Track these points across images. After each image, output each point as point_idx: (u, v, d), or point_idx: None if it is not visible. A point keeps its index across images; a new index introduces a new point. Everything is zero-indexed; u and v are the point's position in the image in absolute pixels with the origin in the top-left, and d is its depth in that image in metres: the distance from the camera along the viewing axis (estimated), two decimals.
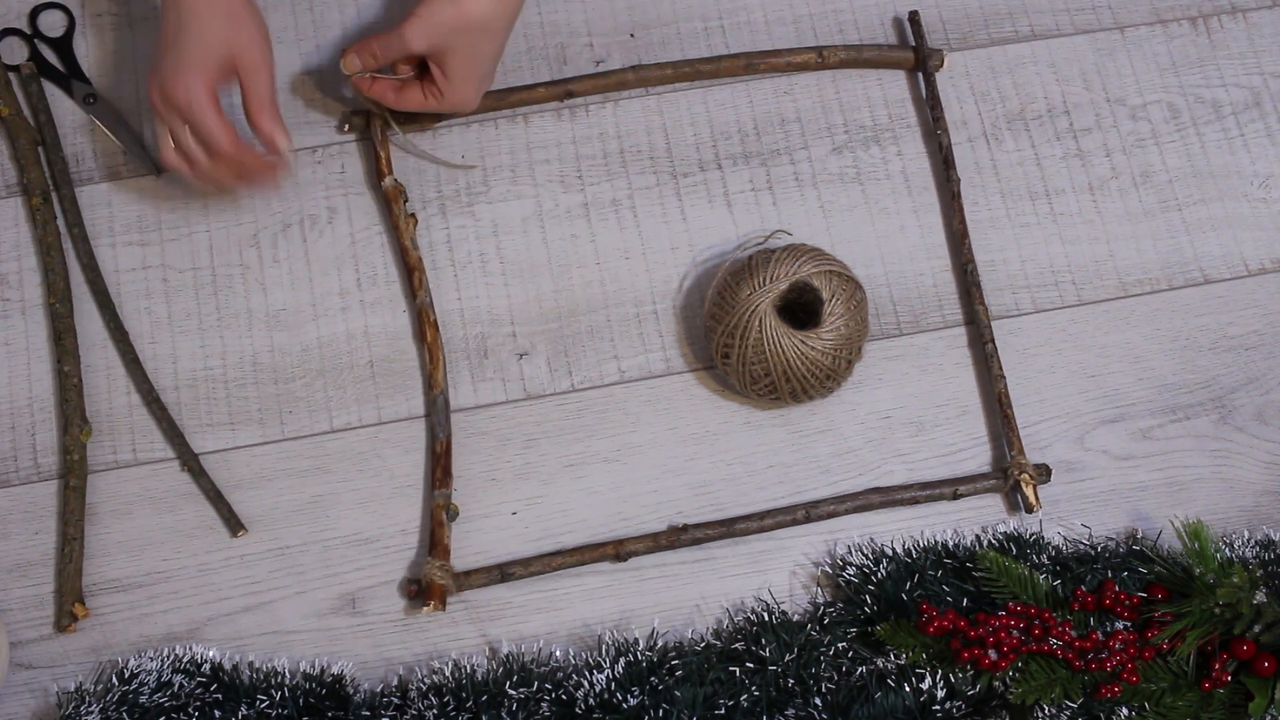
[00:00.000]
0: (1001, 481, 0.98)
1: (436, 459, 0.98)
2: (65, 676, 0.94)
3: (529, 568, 0.95)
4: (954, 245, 1.05)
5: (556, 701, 0.91)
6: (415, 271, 1.02)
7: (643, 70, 1.07)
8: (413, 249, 1.02)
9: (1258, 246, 1.07)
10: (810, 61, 1.08)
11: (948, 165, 1.06)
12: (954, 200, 1.05)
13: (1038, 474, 0.98)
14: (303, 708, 0.91)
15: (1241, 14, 1.13)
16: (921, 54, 1.09)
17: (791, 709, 0.91)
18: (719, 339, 0.97)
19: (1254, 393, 1.03)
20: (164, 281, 1.03)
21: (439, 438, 0.98)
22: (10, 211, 1.04)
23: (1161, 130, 1.09)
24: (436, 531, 0.96)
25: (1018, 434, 0.99)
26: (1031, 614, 0.90)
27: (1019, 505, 0.98)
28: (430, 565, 0.94)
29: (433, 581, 0.94)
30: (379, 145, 1.04)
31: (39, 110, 1.05)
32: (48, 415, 0.99)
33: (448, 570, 0.94)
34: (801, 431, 1.01)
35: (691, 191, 1.06)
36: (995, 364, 1.01)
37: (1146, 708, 0.90)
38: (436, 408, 0.99)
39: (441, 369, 1.00)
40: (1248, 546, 0.97)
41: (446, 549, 0.95)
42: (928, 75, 1.08)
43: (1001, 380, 1.00)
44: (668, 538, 0.96)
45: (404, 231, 1.02)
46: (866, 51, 1.09)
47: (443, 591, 0.94)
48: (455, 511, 0.97)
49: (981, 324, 1.02)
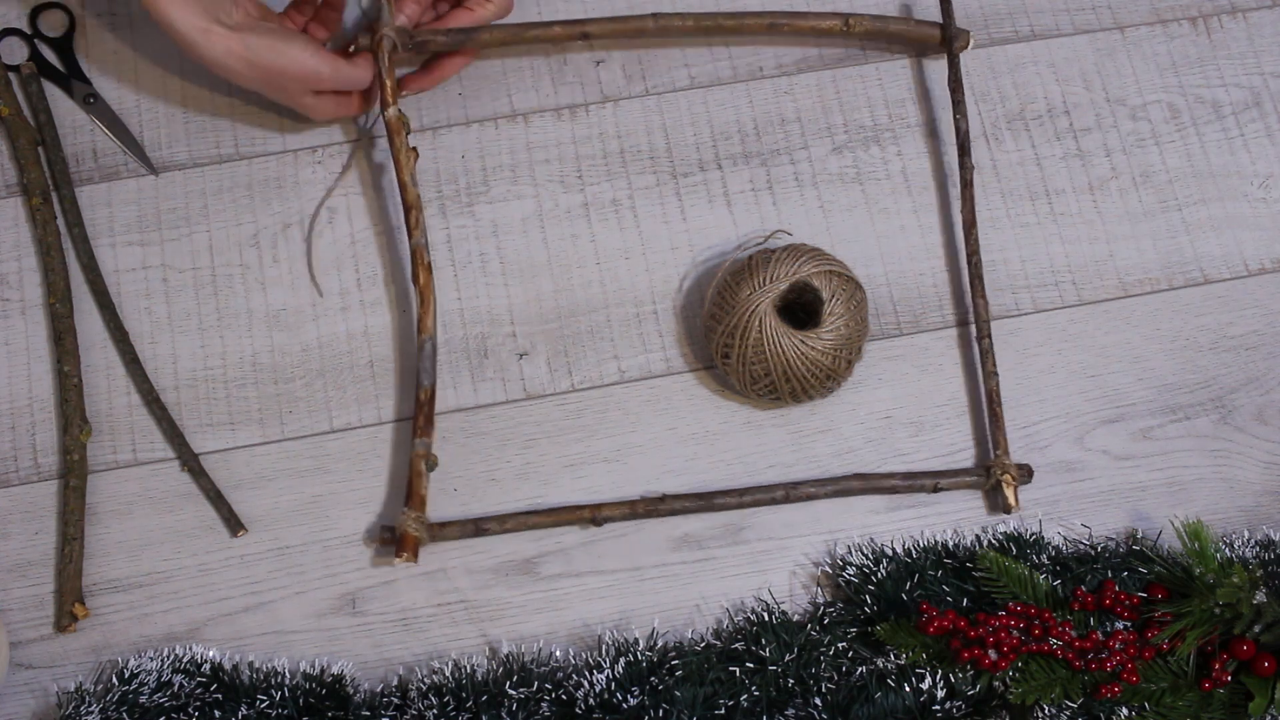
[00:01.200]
0: (983, 479, 0.98)
1: (419, 406, 0.96)
2: (65, 676, 0.94)
3: (504, 524, 0.94)
4: (963, 233, 1.04)
5: (556, 701, 0.91)
6: (413, 210, 0.99)
7: (663, 19, 1.05)
8: (411, 185, 0.99)
9: (1258, 246, 1.07)
10: (835, 28, 1.07)
11: (963, 152, 1.04)
12: (966, 188, 1.04)
13: (1020, 475, 0.98)
14: (303, 708, 0.91)
15: (1241, 14, 1.13)
16: (948, 32, 1.07)
17: (791, 709, 0.91)
18: (719, 339, 0.97)
19: (1254, 393, 1.03)
20: (164, 281, 1.03)
21: (423, 385, 0.96)
22: (10, 211, 1.04)
23: (1161, 130, 1.09)
24: (415, 481, 0.94)
25: (1004, 433, 0.99)
26: (1031, 614, 0.90)
27: (999, 505, 0.98)
28: (405, 515, 0.93)
29: (406, 532, 0.92)
30: (385, 73, 1.01)
31: (39, 110, 1.05)
32: (48, 415, 0.99)
33: (422, 521, 0.93)
34: (801, 431, 1.01)
35: (691, 191, 1.06)
36: (989, 360, 1.00)
37: (1146, 708, 0.90)
38: (424, 353, 0.96)
39: (432, 313, 0.97)
40: (1248, 546, 0.97)
41: (422, 499, 0.94)
42: (952, 55, 1.07)
43: (994, 377, 1.00)
44: (645, 505, 0.96)
45: (404, 166, 0.99)
46: (893, 24, 1.07)
47: (416, 542, 0.92)
48: (434, 462, 0.95)
49: (980, 318, 1.01)
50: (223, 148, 1.06)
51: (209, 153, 1.06)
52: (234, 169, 1.05)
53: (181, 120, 1.06)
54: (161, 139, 1.06)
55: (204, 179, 1.05)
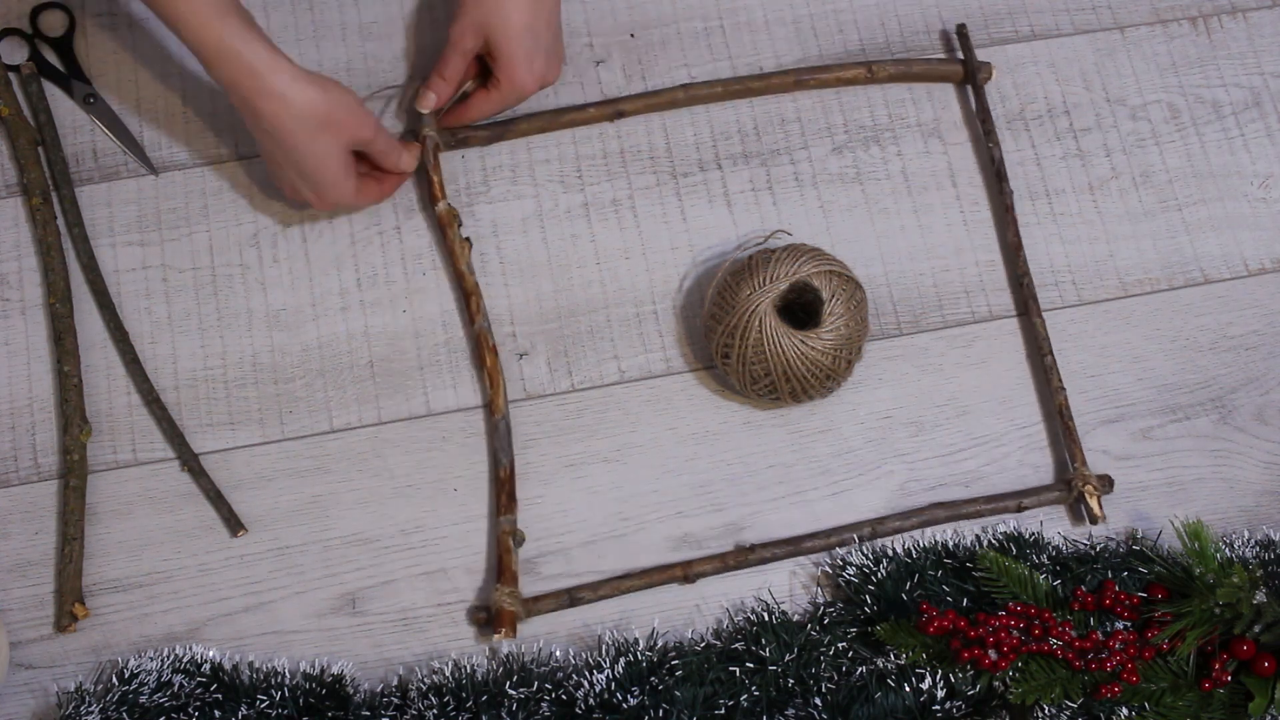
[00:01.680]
0: (1066, 493, 0.98)
1: (501, 485, 0.97)
2: (65, 676, 0.94)
3: (597, 591, 0.95)
4: (1008, 256, 1.05)
5: (556, 701, 0.91)
6: (472, 296, 1.01)
7: (693, 89, 1.06)
8: (469, 274, 1.01)
9: (1258, 246, 1.07)
10: (860, 76, 1.08)
11: (1000, 179, 1.05)
12: (1007, 213, 1.05)
13: (1101, 485, 0.98)
14: (303, 708, 0.91)
15: (1241, 14, 1.13)
16: (970, 66, 1.08)
17: (791, 709, 0.91)
18: (719, 339, 0.97)
19: (1254, 393, 1.03)
20: (164, 281, 1.03)
21: (502, 463, 0.97)
22: (10, 211, 1.04)
23: (1161, 130, 1.09)
24: (504, 558, 0.95)
25: (1079, 445, 0.99)
26: (1031, 614, 0.90)
27: (1083, 516, 0.98)
28: (500, 592, 0.94)
29: (502, 608, 0.93)
30: (431, 170, 1.03)
31: (39, 110, 1.05)
32: (48, 415, 0.99)
33: (516, 596, 0.94)
34: (801, 431, 1.01)
35: (691, 191, 1.06)
36: (1055, 376, 1.00)
37: (1146, 708, 0.90)
38: (499, 434, 0.98)
39: (502, 395, 0.99)
40: (1248, 546, 0.97)
41: (514, 575, 0.95)
42: (977, 88, 1.08)
43: (1062, 392, 1.00)
44: (735, 558, 0.96)
45: (459, 257, 1.01)
46: (915, 66, 1.08)
47: (513, 618, 0.93)
48: (522, 537, 0.96)
49: (1040, 335, 1.01)
50: (223, 148, 1.06)
51: (209, 153, 1.06)
52: (234, 169, 1.05)
53: (181, 120, 1.06)
54: (161, 139, 1.06)
55: (204, 179, 1.05)
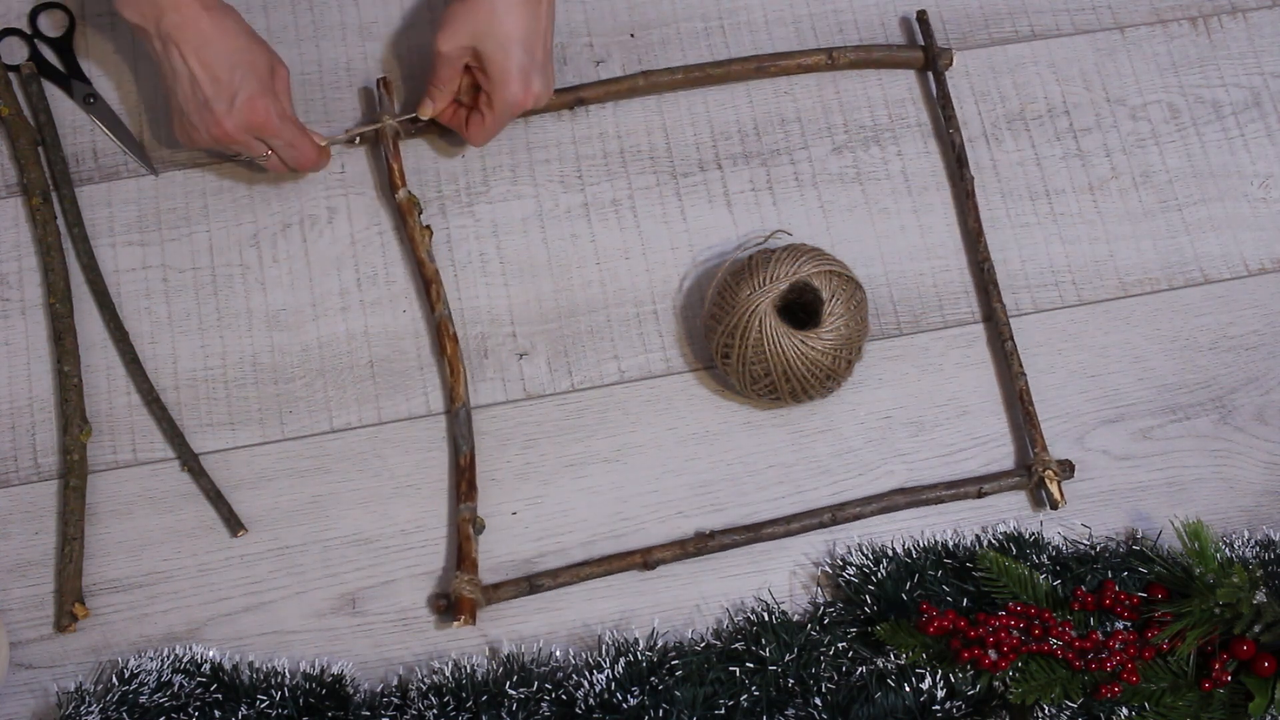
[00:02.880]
0: (1026, 478, 0.98)
1: (461, 472, 0.97)
2: (65, 676, 0.94)
3: (557, 578, 0.95)
4: (969, 243, 1.05)
5: (556, 701, 0.91)
6: (432, 284, 1.01)
7: (653, 75, 1.07)
8: (429, 261, 1.01)
9: (1258, 246, 1.07)
10: (820, 63, 1.08)
11: (961, 164, 1.05)
12: (968, 199, 1.05)
13: (1061, 470, 0.98)
14: (303, 708, 0.91)
15: (1241, 14, 1.13)
16: (931, 53, 1.08)
17: (791, 709, 0.91)
18: (719, 339, 0.97)
19: (1254, 393, 1.03)
20: (164, 281, 1.03)
21: (462, 450, 0.97)
22: (10, 211, 1.04)
23: (1161, 130, 1.09)
24: (464, 545, 0.95)
25: (1040, 430, 0.99)
26: (1031, 614, 0.90)
27: (1044, 502, 0.98)
28: (459, 579, 0.94)
29: (462, 595, 0.93)
30: (391, 158, 1.03)
31: (39, 110, 1.05)
32: (48, 415, 0.99)
33: (476, 584, 0.94)
34: (801, 431, 1.01)
35: (691, 191, 1.06)
36: (1015, 361, 1.01)
37: (1146, 708, 0.90)
38: (459, 421, 0.98)
39: (463, 382, 0.99)
40: (1248, 546, 0.97)
41: (474, 562, 0.95)
42: (938, 74, 1.08)
43: (1022, 377, 1.00)
44: (695, 544, 0.96)
45: (419, 244, 1.02)
46: (876, 52, 1.09)
47: (473, 605, 0.93)
48: (481, 525, 0.96)
49: (999, 321, 1.02)
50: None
51: (209, 153, 1.06)
52: (234, 169, 1.05)
53: None
54: (161, 139, 1.06)
55: (204, 179, 1.05)
